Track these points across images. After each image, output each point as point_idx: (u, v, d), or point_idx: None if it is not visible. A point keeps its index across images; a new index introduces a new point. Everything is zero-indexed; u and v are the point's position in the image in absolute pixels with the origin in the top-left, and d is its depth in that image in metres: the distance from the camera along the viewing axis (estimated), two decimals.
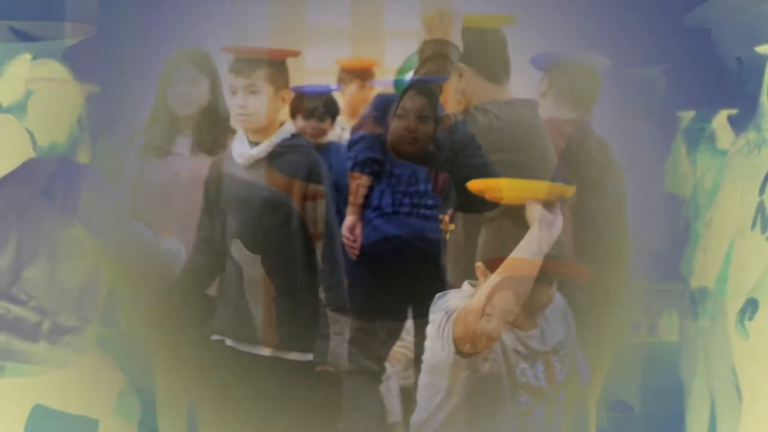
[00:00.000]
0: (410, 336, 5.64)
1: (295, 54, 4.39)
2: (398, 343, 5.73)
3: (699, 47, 4.89)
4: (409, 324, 5.59)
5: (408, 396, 5.74)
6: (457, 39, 3.77)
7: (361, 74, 6.55)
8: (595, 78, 4.47)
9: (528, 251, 3.19)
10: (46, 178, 4.24)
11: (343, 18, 7.94)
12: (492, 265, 3.55)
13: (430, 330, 3.27)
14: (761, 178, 4.15)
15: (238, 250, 4.21)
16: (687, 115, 4.83)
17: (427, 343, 3.29)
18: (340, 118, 6.40)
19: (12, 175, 4.29)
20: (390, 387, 5.76)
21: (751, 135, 4.29)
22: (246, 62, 4.19)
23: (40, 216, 4.20)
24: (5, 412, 4.14)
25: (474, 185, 3.53)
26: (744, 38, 4.67)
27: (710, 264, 4.43)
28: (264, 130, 4.23)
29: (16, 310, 4.15)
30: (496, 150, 3.74)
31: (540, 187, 3.37)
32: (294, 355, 4.19)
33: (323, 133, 5.95)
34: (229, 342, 4.25)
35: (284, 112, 4.37)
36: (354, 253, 5.48)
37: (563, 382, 3.35)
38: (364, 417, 5.44)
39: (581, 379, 3.49)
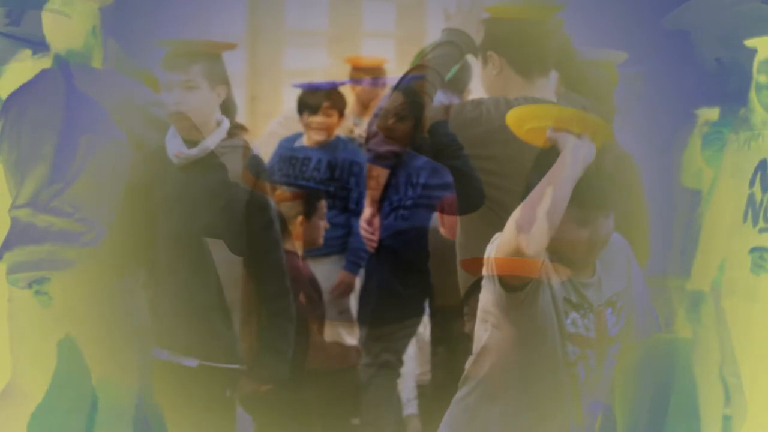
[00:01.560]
0: (427, 331, 5.66)
1: (232, 47, 4.19)
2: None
3: (678, 49, 4.94)
4: (426, 318, 5.60)
5: (424, 391, 5.75)
6: (472, 29, 3.77)
7: (372, 72, 6.56)
8: (610, 73, 4.46)
9: (554, 177, 3.08)
10: (66, 87, 4.21)
11: (321, 20, 7.97)
12: (466, 265, 3.56)
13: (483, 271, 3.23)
14: (752, 171, 4.21)
15: (216, 253, 4.01)
16: (703, 113, 4.86)
17: (483, 282, 3.24)
18: (354, 115, 6.42)
19: (29, 89, 4.27)
20: (406, 379, 5.77)
21: (742, 131, 4.35)
22: (181, 57, 3.97)
23: (74, 127, 4.16)
24: (46, 327, 4.15)
25: (511, 118, 3.39)
26: (723, 39, 4.73)
27: (708, 262, 4.47)
28: (199, 128, 4.00)
29: (60, 222, 4.12)
30: (482, 144, 3.71)
31: (557, 112, 3.23)
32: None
33: (331, 128, 5.98)
34: (164, 355, 4.05)
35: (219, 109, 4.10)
36: (372, 245, 5.50)
37: (617, 335, 3.26)
38: (383, 410, 5.43)
39: (641, 332, 3.34)
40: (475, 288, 3.89)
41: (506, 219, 3.36)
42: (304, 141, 5.98)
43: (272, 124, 6.68)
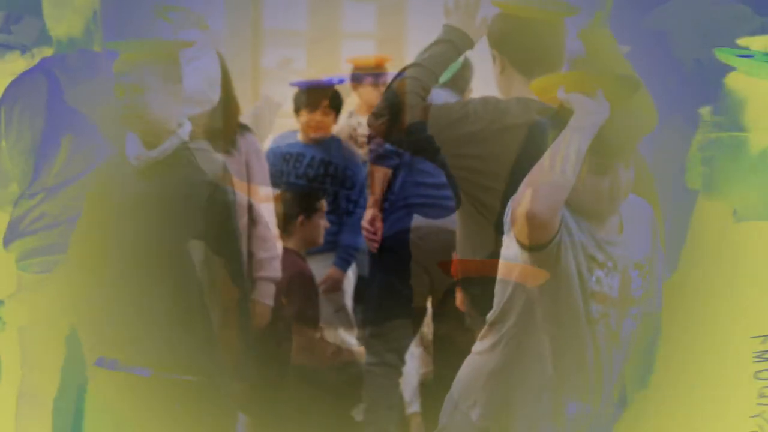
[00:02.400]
0: (429, 330, 5.68)
1: (187, 45, 4.16)
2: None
3: (657, 49, 4.96)
4: (428, 318, 5.62)
5: (426, 390, 5.77)
6: (471, 26, 3.77)
7: (375, 70, 6.57)
8: None
9: (566, 141, 3.08)
10: (49, 88, 4.22)
11: (300, 20, 7.97)
12: (459, 265, 3.57)
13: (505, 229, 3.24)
14: None
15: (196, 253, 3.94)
16: (706, 112, 4.87)
17: (503, 238, 3.24)
18: (356, 113, 6.45)
19: (32, 77, 4.27)
20: (409, 377, 5.78)
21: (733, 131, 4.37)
22: (134, 57, 3.90)
23: (58, 128, 4.16)
24: (56, 315, 4.13)
25: (536, 87, 3.40)
26: (702, 40, 4.75)
27: (696, 261, 4.49)
28: (157, 131, 3.91)
29: (75, 206, 4.09)
30: (469, 143, 3.72)
31: (579, 78, 3.24)
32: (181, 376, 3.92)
33: (327, 127, 5.99)
34: (112, 365, 3.93)
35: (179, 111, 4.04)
36: (374, 246, 5.50)
37: (640, 298, 3.28)
38: (384, 409, 5.46)
39: (658, 303, 3.36)
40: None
41: (491, 219, 3.38)
42: (299, 138, 6.02)
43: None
